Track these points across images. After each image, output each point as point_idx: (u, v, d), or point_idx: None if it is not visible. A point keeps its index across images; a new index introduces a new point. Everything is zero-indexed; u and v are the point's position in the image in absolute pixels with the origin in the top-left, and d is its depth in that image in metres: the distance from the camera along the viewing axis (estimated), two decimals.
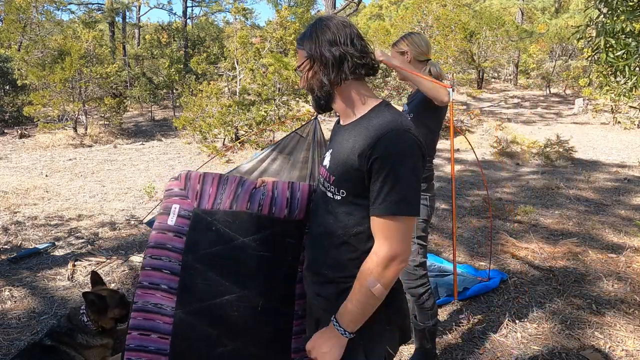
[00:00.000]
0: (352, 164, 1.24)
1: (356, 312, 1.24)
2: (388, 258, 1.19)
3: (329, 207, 1.35)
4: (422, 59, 2.44)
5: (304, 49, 1.35)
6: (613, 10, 3.42)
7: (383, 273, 1.20)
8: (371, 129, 1.23)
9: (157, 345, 1.70)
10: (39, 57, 10.92)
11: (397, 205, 1.18)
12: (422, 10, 17.64)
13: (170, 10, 49.03)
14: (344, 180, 1.28)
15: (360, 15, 32.24)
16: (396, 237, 1.19)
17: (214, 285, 1.72)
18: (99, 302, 2.48)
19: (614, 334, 2.83)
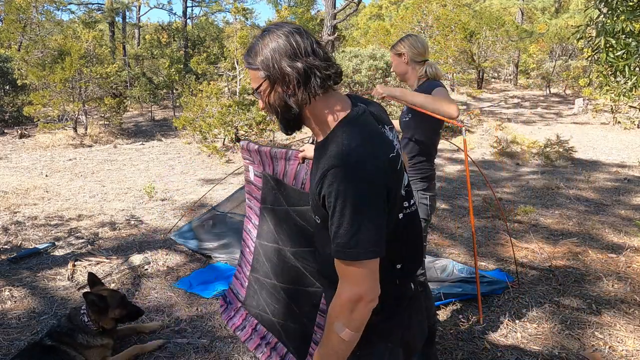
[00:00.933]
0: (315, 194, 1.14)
1: (331, 358, 1.14)
2: (351, 300, 1.08)
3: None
4: (419, 60, 2.47)
5: (258, 68, 1.13)
6: (613, 10, 3.42)
7: (350, 316, 1.08)
8: (322, 161, 1.10)
9: (247, 256, 2.59)
10: (39, 57, 10.92)
11: (342, 251, 1.06)
12: (422, 10, 17.64)
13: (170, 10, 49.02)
14: (314, 206, 1.17)
15: (360, 15, 32.23)
16: (354, 279, 1.07)
17: (271, 233, 2.35)
18: (100, 302, 2.48)
19: (614, 334, 2.84)
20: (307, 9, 21.61)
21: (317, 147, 1.19)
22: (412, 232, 1.30)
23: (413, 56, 2.45)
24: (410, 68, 2.48)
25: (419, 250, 1.35)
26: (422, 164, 2.43)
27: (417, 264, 1.33)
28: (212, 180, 6.95)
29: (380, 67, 10.55)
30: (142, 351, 2.63)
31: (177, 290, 3.38)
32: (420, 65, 2.48)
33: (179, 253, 4.02)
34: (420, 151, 2.42)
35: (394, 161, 1.16)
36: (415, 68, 2.48)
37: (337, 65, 1.16)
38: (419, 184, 2.40)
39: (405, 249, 1.26)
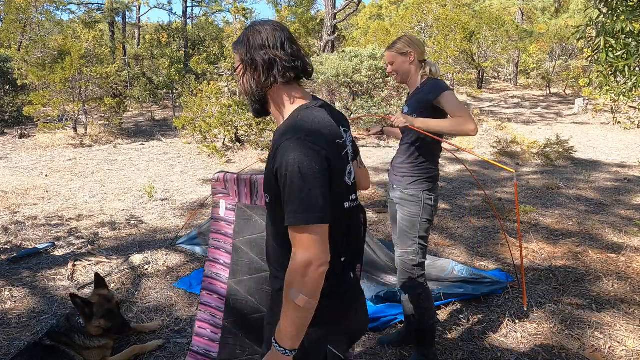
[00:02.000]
0: (269, 174, 1.27)
1: (289, 327, 1.20)
2: (302, 265, 1.16)
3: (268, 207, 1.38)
4: (422, 59, 2.42)
5: (237, 53, 1.35)
6: (613, 11, 3.42)
7: (303, 281, 1.16)
8: (276, 139, 1.26)
9: (216, 303, 2.34)
10: (39, 57, 10.92)
11: (294, 216, 1.18)
12: (422, 10, 17.64)
13: (170, 10, 49.05)
14: (267, 185, 1.30)
15: (360, 15, 32.24)
16: (306, 244, 1.17)
17: (254, 264, 2.23)
18: (85, 308, 2.48)
19: (614, 334, 2.83)
20: (307, 9, 21.61)
21: (275, 130, 1.34)
22: (356, 227, 1.41)
23: (419, 55, 2.38)
24: (414, 68, 2.41)
25: (361, 247, 1.48)
26: (426, 164, 2.41)
27: (358, 260, 1.47)
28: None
29: (380, 67, 10.54)
30: (142, 351, 2.63)
31: (177, 290, 3.38)
32: (421, 64, 2.42)
33: (179, 253, 4.02)
34: (424, 152, 2.40)
35: (340, 146, 1.30)
36: (418, 67, 2.42)
37: (305, 62, 1.34)
38: (425, 184, 2.39)
39: (349, 242, 1.36)
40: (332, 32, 13.88)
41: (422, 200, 2.39)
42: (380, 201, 5.68)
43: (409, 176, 2.41)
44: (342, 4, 14.70)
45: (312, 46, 21.08)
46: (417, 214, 2.39)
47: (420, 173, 2.40)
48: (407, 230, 2.42)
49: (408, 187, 2.40)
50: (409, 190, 2.40)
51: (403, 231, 2.44)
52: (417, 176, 2.39)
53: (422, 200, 2.39)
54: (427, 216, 2.41)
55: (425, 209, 2.40)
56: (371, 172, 7.40)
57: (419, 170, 2.41)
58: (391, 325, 2.94)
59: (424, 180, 2.40)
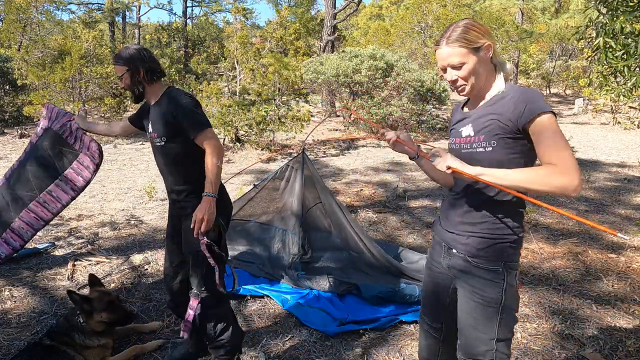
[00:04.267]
0: (168, 121, 2.20)
1: (213, 180, 2.14)
2: (217, 145, 2.17)
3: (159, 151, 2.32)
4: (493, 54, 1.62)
5: (122, 64, 2.22)
6: (613, 11, 3.43)
7: (218, 153, 2.16)
8: (166, 107, 2.23)
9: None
10: (39, 57, 10.93)
11: (205, 126, 2.18)
12: (422, 10, 17.65)
13: (170, 10, 49.01)
14: (166, 136, 2.24)
15: (361, 15, 32.25)
16: (213, 135, 2.20)
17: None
18: (84, 303, 2.47)
19: (614, 334, 2.84)
20: (307, 9, 21.61)
21: (153, 105, 2.30)
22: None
23: (494, 48, 1.56)
24: (489, 69, 1.56)
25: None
26: (510, 219, 1.57)
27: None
28: None
29: (380, 67, 10.55)
30: (142, 351, 2.63)
31: None
32: (491, 61, 1.58)
33: None
34: (507, 198, 1.55)
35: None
36: (492, 68, 1.58)
37: (161, 67, 2.32)
38: (509, 251, 1.57)
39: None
40: (332, 32, 13.88)
41: (505, 278, 1.56)
42: (380, 201, 5.68)
43: (484, 237, 1.57)
44: (342, 4, 14.71)
45: (312, 46, 21.08)
46: (495, 300, 1.56)
47: (503, 233, 1.56)
48: (477, 325, 1.59)
49: (480, 255, 1.58)
50: (481, 260, 1.57)
51: (469, 326, 1.61)
52: (497, 238, 1.56)
53: (505, 278, 1.56)
54: (512, 303, 1.58)
55: (509, 292, 1.57)
56: (371, 172, 7.41)
57: (499, 227, 1.56)
58: (391, 325, 2.94)
59: (509, 246, 1.56)
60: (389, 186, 6.46)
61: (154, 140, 2.29)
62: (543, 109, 1.38)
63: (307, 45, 19.79)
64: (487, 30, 1.55)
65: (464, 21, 1.53)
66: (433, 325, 1.78)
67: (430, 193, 6.11)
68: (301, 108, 9.77)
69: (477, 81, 1.53)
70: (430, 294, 1.78)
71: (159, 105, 2.27)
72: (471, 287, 1.58)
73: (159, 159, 2.33)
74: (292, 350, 2.70)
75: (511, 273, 1.56)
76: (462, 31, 1.51)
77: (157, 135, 2.25)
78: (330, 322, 2.92)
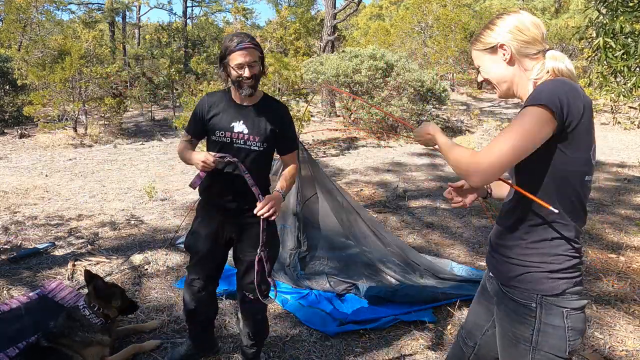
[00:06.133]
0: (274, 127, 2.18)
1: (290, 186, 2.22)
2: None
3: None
4: (532, 52, 1.38)
5: (257, 49, 2.04)
6: (613, 11, 3.43)
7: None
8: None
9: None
10: (39, 57, 10.92)
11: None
12: (422, 10, 17.65)
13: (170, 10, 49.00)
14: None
15: (361, 15, 32.24)
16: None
17: None
18: (107, 288, 2.58)
19: (614, 334, 2.84)
20: (307, 9, 21.61)
21: (251, 106, 2.17)
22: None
23: (521, 47, 1.38)
24: (517, 69, 1.40)
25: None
26: (565, 243, 1.34)
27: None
28: None
29: (380, 67, 10.54)
30: (140, 350, 2.63)
31: (177, 290, 3.38)
32: (534, 61, 1.37)
33: (179, 253, 4.02)
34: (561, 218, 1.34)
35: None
36: (526, 67, 1.39)
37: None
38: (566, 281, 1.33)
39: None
40: (332, 32, 13.88)
41: (538, 316, 1.33)
42: (380, 201, 5.68)
43: (515, 264, 1.39)
44: (342, 4, 14.70)
45: (312, 46, 21.08)
46: (525, 338, 1.36)
47: (536, 261, 1.35)
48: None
49: (512, 284, 1.39)
50: (513, 290, 1.39)
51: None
52: (529, 265, 1.36)
53: (538, 316, 1.33)
54: (551, 350, 1.33)
55: (546, 335, 1.33)
56: (371, 172, 7.41)
57: (531, 254, 1.36)
58: (391, 325, 2.94)
59: (547, 276, 1.33)
60: (389, 186, 6.46)
61: (247, 143, 2.13)
62: (532, 102, 1.24)
63: (307, 45, 19.79)
64: (511, 28, 1.38)
65: (493, 18, 1.44)
66: (466, 341, 1.70)
67: (430, 193, 6.11)
68: (301, 108, 9.77)
69: (497, 79, 1.43)
70: (472, 312, 1.69)
71: (262, 107, 2.16)
72: (503, 321, 1.43)
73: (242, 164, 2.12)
74: (292, 350, 2.70)
75: (551, 310, 1.31)
76: (480, 31, 1.46)
77: (259, 139, 2.12)
78: (330, 322, 2.92)
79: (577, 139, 1.26)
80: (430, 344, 2.76)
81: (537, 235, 1.35)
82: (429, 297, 3.16)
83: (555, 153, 1.27)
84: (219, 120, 2.15)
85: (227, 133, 2.13)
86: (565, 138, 1.25)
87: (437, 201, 5.69)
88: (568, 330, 1.31)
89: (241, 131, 2.12)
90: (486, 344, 1.62)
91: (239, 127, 2.12)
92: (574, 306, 1.32)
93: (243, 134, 2.11)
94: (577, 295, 1.33)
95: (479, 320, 1.64)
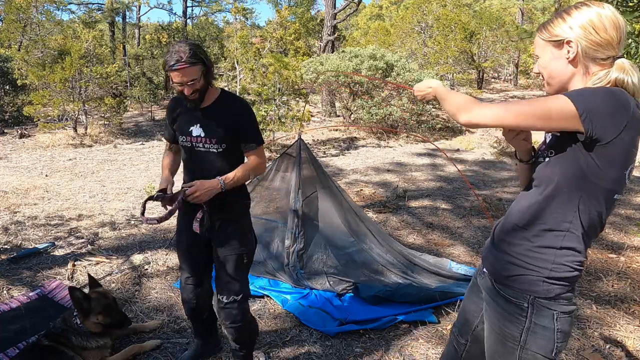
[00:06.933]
0: (230, 126, 2.13)
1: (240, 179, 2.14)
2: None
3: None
4: (601, 57, 1.25)
5: (198, 64, 1.96)
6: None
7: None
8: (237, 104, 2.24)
9: None
10: (39, 57, 10.91)
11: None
12: (422, 10, 17.65)
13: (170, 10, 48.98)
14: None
15: (361, 15, 32.23)
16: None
17: None
18: (84, 302, 2.45)
19: (614, 334, 2.83)
20: (307, 9, 21.61)
21: (205, 108, 2.10)
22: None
23: (591, 47, 1.24)
24: (578, 71, 1.29)
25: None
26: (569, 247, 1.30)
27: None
28: None
29: (380, 67, 10.55)
30: (140, 350, 2.63)
31: (177, 290, 3.37)
32: (600, 66, 1.26)
33: None
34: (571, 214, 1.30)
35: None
36: (590, 71, 1.27)
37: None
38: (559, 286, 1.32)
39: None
40: (332, 32, 13.87)
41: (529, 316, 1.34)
42: (380, 201, 5.68)
43: (513, 263, 1.37)
44: (342, 4, 14.70)
45: (312, 46, 21.08)
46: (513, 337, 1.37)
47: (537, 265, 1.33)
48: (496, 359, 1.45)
49: (506, 282, 1.39)
50: (505, 288, 1.39)
51: (490, 358, 1.49)
52: (528, 267, 1.34)
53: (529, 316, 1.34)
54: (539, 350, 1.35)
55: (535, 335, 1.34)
56: (371, 172, 7.40)
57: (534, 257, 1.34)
58: (391, 325, 2.94)
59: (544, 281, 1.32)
60: (389, 186, 6.46)
61: (205, 146, 2.11)
62: (567, 94, 1.20)
63: (307, 45, 19.79)
64: (582, 23, 1.24)
65: (570, 7, 1.29)
66: (458, 339, 1.70)
67: (430, 193, 6.11)
68: (301, 108, 9.77)
69: (555, 75, 1.31)
70: (462, 310, 1.68)
71: (216, 108, 2.10)
72: (492, 317, 1.42)
73: (202, 165, 2.14)
74: (292, 350, 2.70)
75: (543, 312, 1.30)
76: (552, 18, 1.31)
77: (216, 140, 2.09)
78: (330, 322, 2.92)
79: (612, 154, 1.20)
80: (430, 344, 2.76)
81: (546, 241, 1.31)
82: (429, 296, 3.15)
83: (587, 159, 1.22)
84: (179, 125, 2.16)
85: (187, 138, 2.12)
86: (597, 149, 1.19)
87: (437, 201, 5.69)
88: (557, 332, 1.32)
89: (199, 135, 2.10)
90: (476, 340, 1.61)
91: (197, 131, 2.10)
92: (564, 310, 1.32)
93: (200, 137, 2.10)
94: (569, 300, 1.34)
95: (470, 316, 1.63)
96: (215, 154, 2.11)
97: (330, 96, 13.10)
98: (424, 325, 2.94)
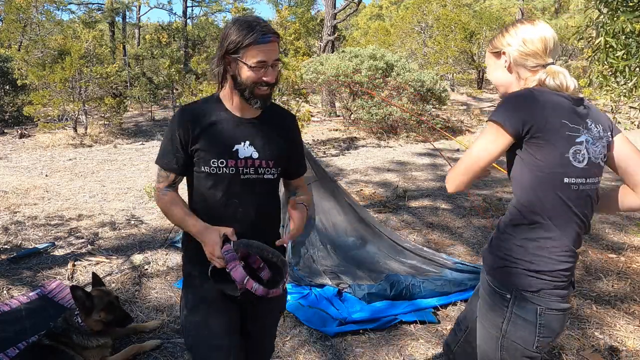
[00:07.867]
0: (284, 146, 1.69)
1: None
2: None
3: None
4: (530, 64, 1.49)
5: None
6: (613, 11, 3.42)
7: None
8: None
9: None
10: (39, 57, 10.92)
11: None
12: (422, 11, 17.66)
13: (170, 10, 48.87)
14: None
15: (361, 15, 32.25)
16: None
17: None
18: (87, 299, 2.45)
19: (614, 334, 2.84)
20: (307, 9, 21.62)
21: (255, 119, 1.56)
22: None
23: (521, 57, 1.49)
24: (514, 77, 1.54)
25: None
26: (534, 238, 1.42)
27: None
28: None
29: (380, 67, 10.54)
30: (140, 350, 2.63)
31: (177, 290, 3.38)
32: (532, 72, 1.49)
33: (179, 253, 4.02)
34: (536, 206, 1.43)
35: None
36: (522, 76, 1.52)
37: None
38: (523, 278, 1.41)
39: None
40: (332, 32, 13.87)
41: (510, 307, 1.41)
42: (380, 201, 5.68)
43: (499, 256, 1.48)
44: (342, 4, 14.70)
45: (312, 46, 21.09)
46: (496, 325, 1.47)
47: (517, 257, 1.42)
48: (483, 345, 1.56)
49: (493, 274, 1.48)
50: (493, 280, 1.48)
51: (479, 345, 1.60)
52: (509, 260, 1.44)
53: (510, 307, 1.41)
54: (517, 340, 1.42)
55: (514, 326, 1.41)
56: (372, 171, 7.41)
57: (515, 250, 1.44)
58: (391, 325, 2.94)
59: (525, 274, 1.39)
60: (389, 186, 6.46)
61: (259, 170, 1.53)
62: (489, 117, 1.45)
63: (307, 45, 19.80)
64: (517, 37, 1.48)
65: (511, 23, 1.56)
66: (460, 326, 1.82)
67: (430, 193, 6.11)
68: (301, 108, 9.77)
69: (496, 82, 1.61)
70: (469, 302, 1.81)
71: (270, 118, 1.57)
72: (481, 306, 1.54)
73: (248, 200, 1.55)
74: (292, 350, 2.70)
75: (525, 304, 1.37)
76: (497, 33, 1.58)
77: (273, 163, 1.55)
78: (330, 322, 2.92)
79: (546, 142, 1.35)
80: (430, 344, 2.76)
81: (522, 234, 1.42)
82: (429, 296, 3.15)
83: (526, 158, 1.39)
84: (210, 144, 1.50)
85: (230, 162, 1.50)
86: (526, 142, 1.37)
87: (437, 201, 5.69)
88: (539, 326, 1.38)
89: (249, 156, 1.51)
90: (473, 330, 1.70)
91: (246, 151, 1.51)
92: (551, 306, 1.38)
93: (252, 159, 1.52)
94: (559, 297, 1.39)
95: (472, 306, 1.74)
96: (270, 182, 1.58)
97: (330, 96, 13.09)
98: (424, 325, 2.94)
